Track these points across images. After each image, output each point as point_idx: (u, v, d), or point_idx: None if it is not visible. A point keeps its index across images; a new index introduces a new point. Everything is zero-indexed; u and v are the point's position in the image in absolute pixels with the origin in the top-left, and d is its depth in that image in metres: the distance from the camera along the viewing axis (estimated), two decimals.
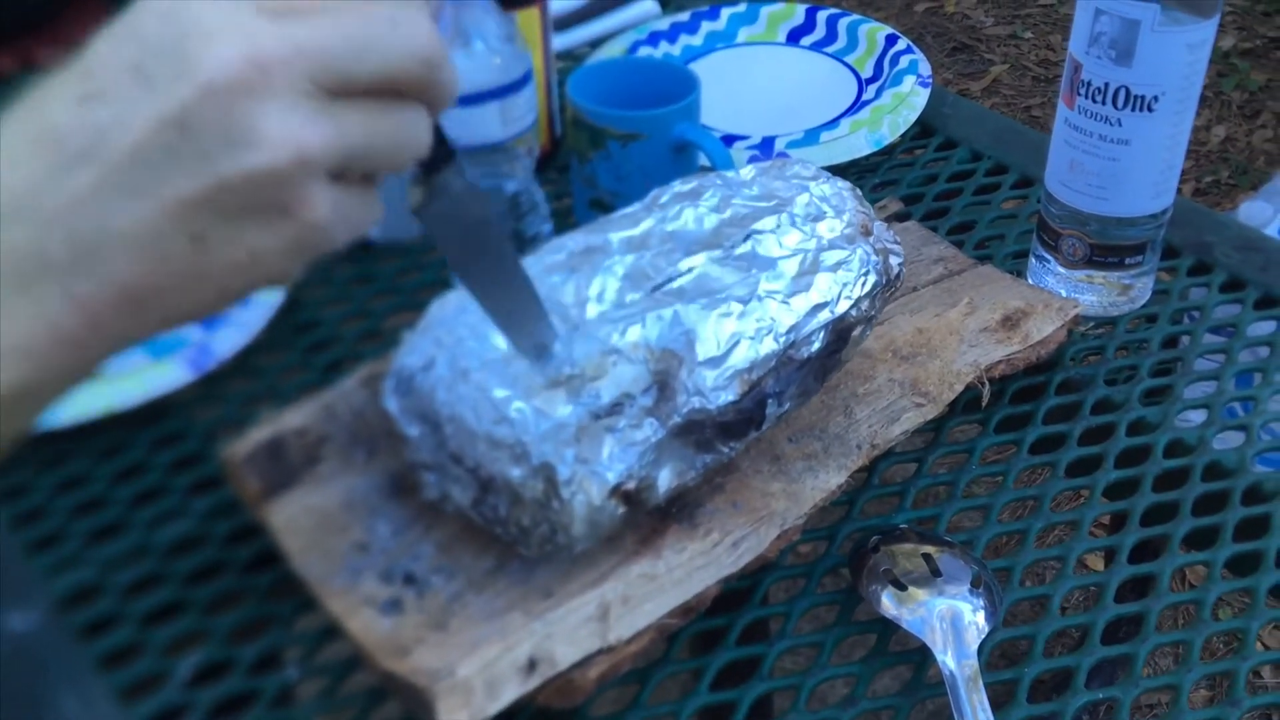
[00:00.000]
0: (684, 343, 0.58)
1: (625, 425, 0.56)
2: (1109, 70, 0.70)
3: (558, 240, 0.65)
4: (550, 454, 0.55)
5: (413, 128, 0.42)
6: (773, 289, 0.61)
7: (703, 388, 0.58)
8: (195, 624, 0.61)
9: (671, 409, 0.57)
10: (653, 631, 0.58)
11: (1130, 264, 0.77)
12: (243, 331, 0.74)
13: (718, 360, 0.58)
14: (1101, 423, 0.72)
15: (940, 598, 0.60)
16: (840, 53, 1.05)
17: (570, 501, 0.55)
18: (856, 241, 0.64)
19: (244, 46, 0.38)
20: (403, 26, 0.40)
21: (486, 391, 0.56)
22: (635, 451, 0.56)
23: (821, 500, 0.63)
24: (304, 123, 0.39)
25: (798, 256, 0.62)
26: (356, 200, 0.42)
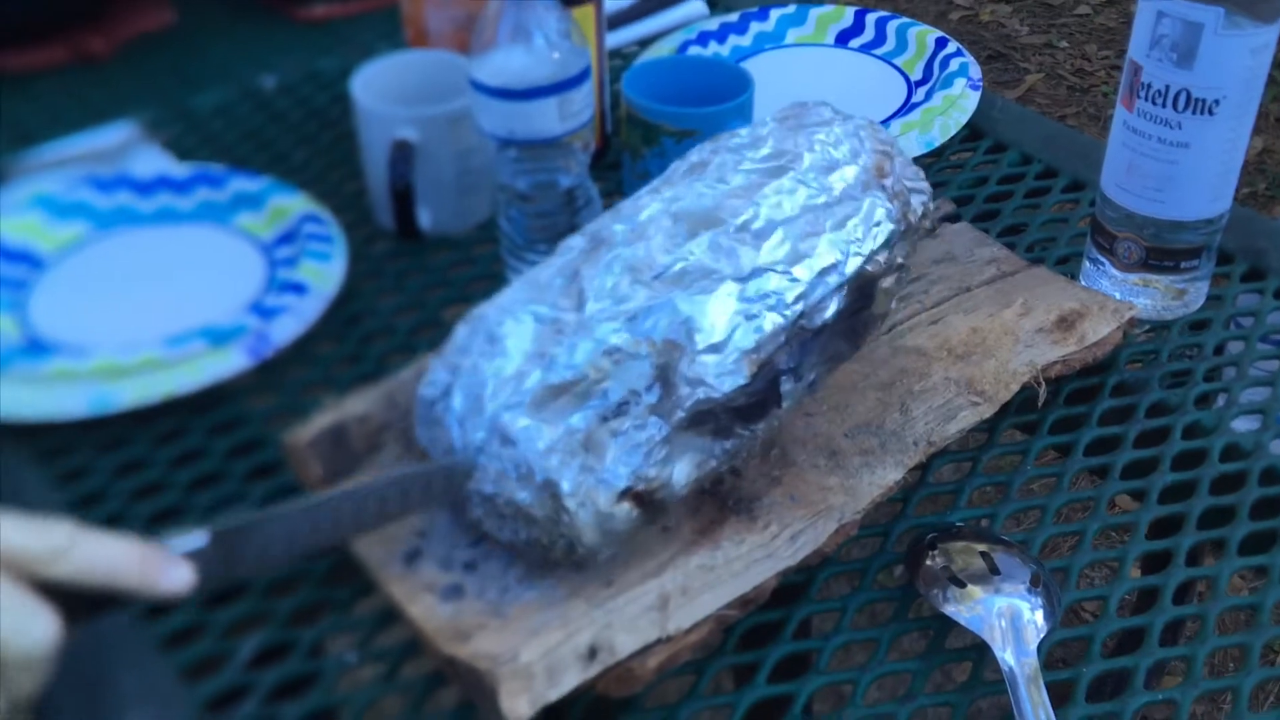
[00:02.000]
0: (683, 332, 0.57)
1: (630, 426, 0.56)
2: (1170, 73, 0.70)
3: (568, 240, 0.64)
4: (553, 469, 0.55)
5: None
6: (772, 261, 0.59)
7: (705, 376, 0.57)
8: (256, 606, 0.62)
9: (674, 404, 0.57)
10: (711, 622, 0.58)
11: (1186, 268, 0.77)
12: (299, 320, 0.74)
13: (720, 345, 0.57)
14: (1157, 425, 0.72)
15: (999, 596, 0.60)
16: (889, 55, 1.05)
17: (576, 514, 0.55)
18: (870, 188, 0.62)
19: None
20: (29, 614, 0.43)
21: (495, 419, 0.56)
22: (640, 453, 0.56)
23: (879, 496, 0.64)
24: None
25: (801, 219, 0.60)
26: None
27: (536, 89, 0.73)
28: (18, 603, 0.44)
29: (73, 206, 0.83)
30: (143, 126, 0.95)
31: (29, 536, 0.45)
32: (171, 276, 0.80)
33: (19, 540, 0.44)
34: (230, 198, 0.84)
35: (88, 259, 0.81)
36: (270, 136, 0.97)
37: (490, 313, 0.60)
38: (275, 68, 1.06)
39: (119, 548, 0.47)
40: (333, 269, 0.78)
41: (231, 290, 0.78)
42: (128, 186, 0.85)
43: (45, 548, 0.45)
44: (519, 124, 0.74)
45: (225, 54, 1.09)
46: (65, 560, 0.45)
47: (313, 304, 0.75)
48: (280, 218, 0.82)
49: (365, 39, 1.09)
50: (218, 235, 0.83)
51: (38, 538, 0.45)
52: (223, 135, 0.97)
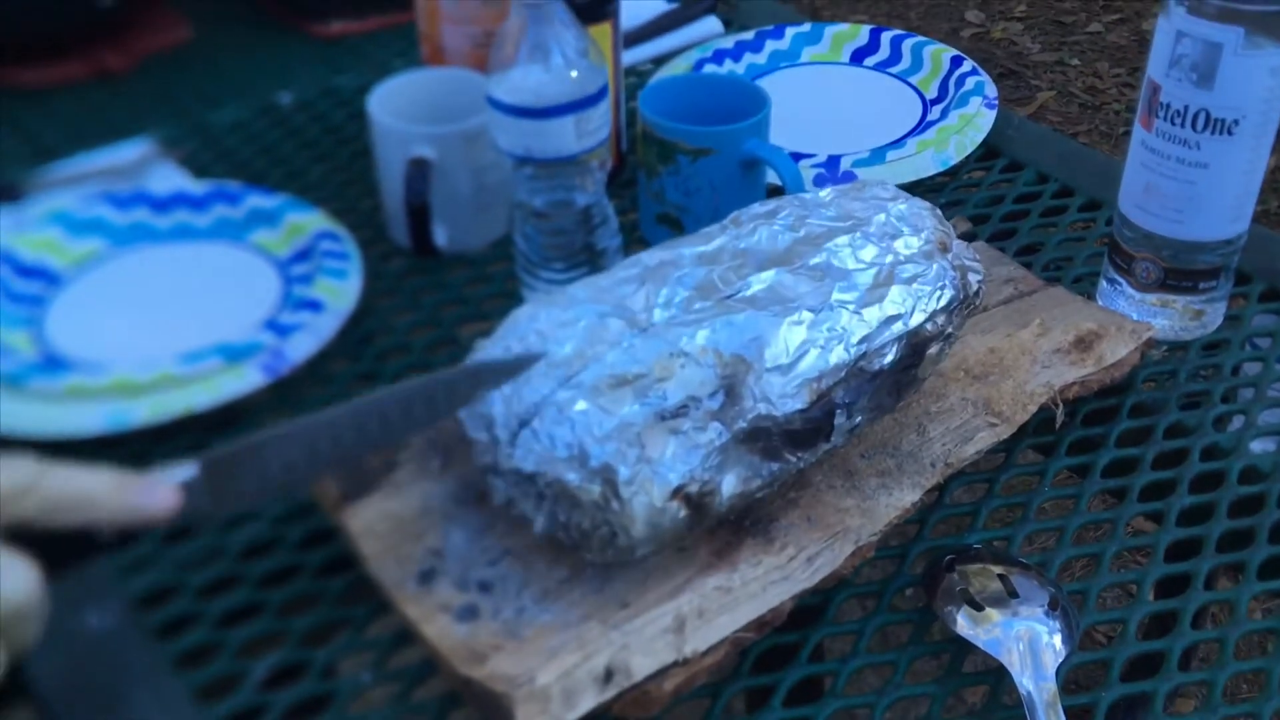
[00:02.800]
0: (754, 349, 0.58)
1: (690, 427, 0.56)
2: (1189, 93, 0.70)
3: (632, 257, 0.65)
4: (611, 455, 0.55)
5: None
6: (845, 299, 0.61)
7: (770, 394, 0.58)
8: (270, 626, 0.62)
9: (738, 414, 0.57)
10: (727, 645, 0.58)
11: (1204, 289, 0.76)
12: (315, 338, 0.74)
13: (786, 368, 0.58)
14: (1175, 447, 0.71)
15: (1017, 619, 0.60)
16: (905, 73, 1.05)
17: (630, 502, 0.55)
18: (934, 257, 0.64)
19: None
20: (6, 572, 0.40)
21: (550, 397, 0.57)
22: (699, 454, 0.56)
23: (896, 518, 0.63)
24: None
25: (873, 269, 0.62)
26: None
27: (554, 107, 0.73)
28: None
29: (90, 223, 0.84)
30: (160, 143, 0.95)
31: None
32: (187, 293, 0.80)
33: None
34: (246, 214, 0.84)
35: (104, 275, 0.81)
36: (286, 153, 0.97)
37: (552, 302, 0.61)
38: (292, 84, 1.06)
39: (93, 475, 0.43)
40: (349, 286, 0.78)
41: (247, 307, 0.78)
42: (145, 203, 0.85)
43: (10, 484, 0.41)
44: (536, 142, 0.74)
45: (242, 70, 1.09)
46: (34, 493, 0.42)
47: (328, 321, 0.75)
48: (296, 235, 0.83)
49: (381, 56, 1.09)
50: (234, 252, 0.83)
51: (4, 473, 0.42)
52: (239, 151, 0.97)
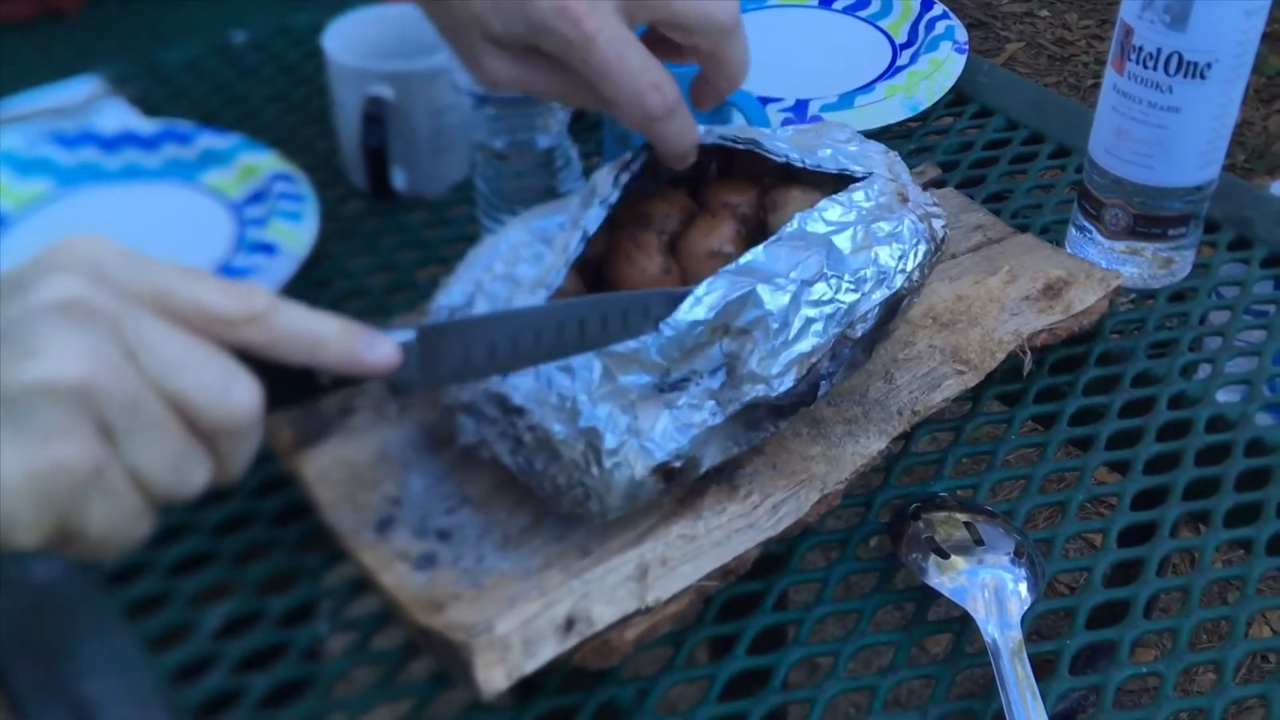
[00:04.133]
0: (761, 327, 0.56)
1: (685, 403, 0.55)
2: (1162, 35, 0.69)
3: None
4: (601, 419, 0.53)
5: (190, 465, 0.41)
6: (835, 269, 0.58)
7: (768, 374, 0.56)
8: (223, 574, 0.60)
9: (735, 395, 0.56)
10: (691, 593, 0.57)
11: (1174, 235, 0.76)
12: (269, 282, 0.72)
13: (786, 345, 0.56)
14: (1142, 395, 0.71)
15: (983, 567, 0.59)
16: (874, 17, 1.03)
17: (611, 472, 0.54)
18: (899, 210, 0.62)
19: (83, 288, 0.39)
20: (232, 377, 0.41)
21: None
22: (689, 434, 0.55)
23: (862, 465, 0.62)
24: (100, 359, 0.38)
25: (847, 232, 0.59)
26: (123, 491, 0.39)
27: None
28: (218, 364, 0.41)
29: (36, 163, 0.81)
30: (109, 81, 0.92)
31: (228, 298, 0.42)
32: (137, 235, 0.76)
33: (217, 300, 0.41)
34: (198, 155, 0.82)
35: (51, 217, 0.79)
36: (240, 92, 0.95)
37: (519, 231, 0.60)
38: (245, 22, 1.03)
39: (320, 318, 0.44)
40: (304, 229, 0.76)
41: (199, 250, 0.76)
42: (93, 142, 0.82)
43: (244, 310, 0.42)
44: None
45: (194, 9, 1.06)
46: (264, 323, 0.42)
47: (283, 265, 0.73)
48: (250, 176, 0.80)
49: None
50: (185, 193, 0.81)
51: (237, 300, 0.42)
52: (192, 90, 0.95)
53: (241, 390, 0.41)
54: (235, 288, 0.42)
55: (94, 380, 0.37)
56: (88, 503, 0.39)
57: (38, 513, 0.38)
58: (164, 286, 0.41)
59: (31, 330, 0.38)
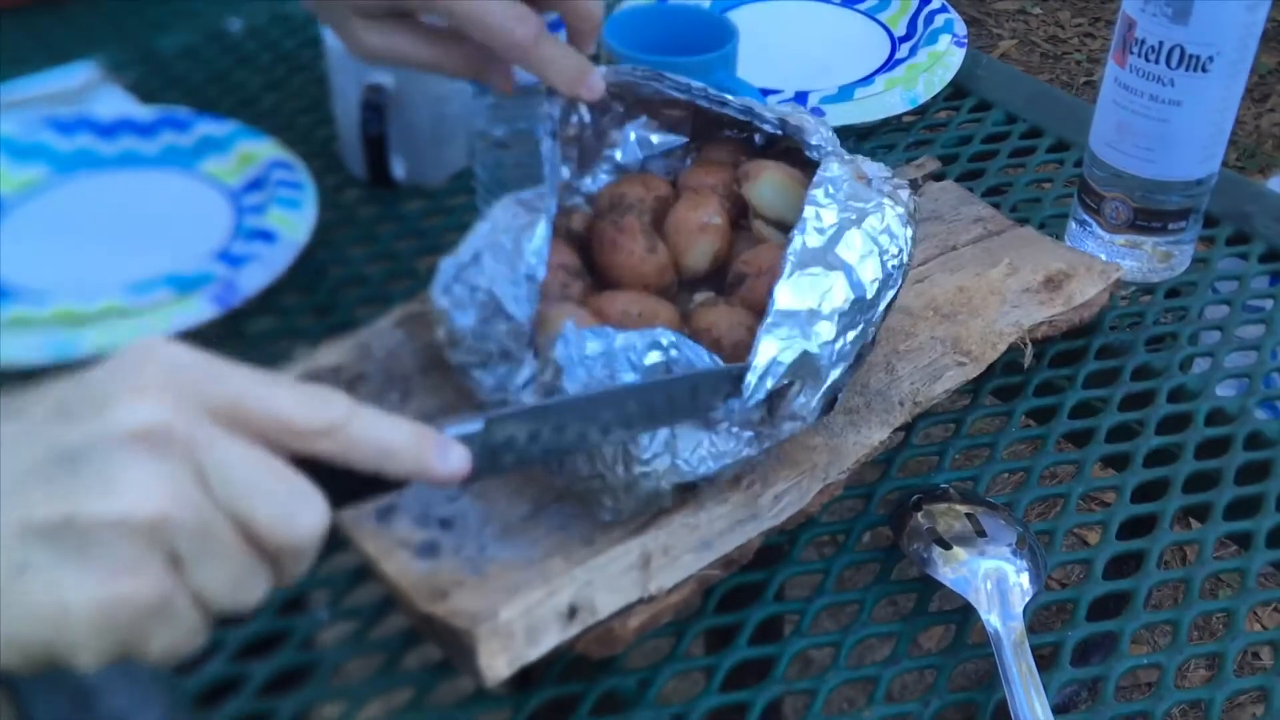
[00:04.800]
0: (811, 377, 0.56)
1: (725, 429, 0.55)
2: (1164, 29, 0.69)
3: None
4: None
5: (253, 582, 0.41)
6: (857, 290, 0.57)
7: (806, 412, 0.56)
8: None
9: (773, 433, 0.56)
10: (694, 582, 0.57)
11: (1173, 229, 0.76)
12: (268, 269, 0.72)
13: (825, 379, 0.56)
14: (1142, 389, 0.71)
15: (984, 558, 0.59)
16: (873, 10, 1.03)
17: (638, 480, 0.54)
18: (869, 195, 0.60)
19: (162, 413, 0.38)
20: (301, 498, 0.40)
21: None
22: (723, 461, 0.55)
23: (864, 456, 0.62)
24: (176, 493, 0.38)
25: (846, 238, 0.58)
26: (186, 613, 0.39)
27: None
28: (288, 486, 0.40)
29: (32, 148, 0.80)
30: (105, 68, 0.92)
31: (305, 409, 0.41)
32: (134, 222, 0.77)
33: (294, 412, 0.41)
34: (196, 142, 0.82)
35: (47, 203, 0.78)
36: (238, 80, 0.94)
37: (506, 204, 0.60)
38: (242, 10, 1.02)
39: (394, 424, 0.43)
40: (303, 217, 0.75)
41: (197, 237, 0.75)
42: (89, 129, 0.82)
43: (322, 422, 0.41)
44: None
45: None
46: (338, 436, 0.41)
47: (282, 252, 0.73)
48: (248, 163, 0.80)
49: None
50: (183, 180, 0.80)
51: (314, 411, 0.41)
52: (188, 78, 0.94)
53: (310, 512, 0.41)
54: (312, 397, 0.42)
55: (169, 515, 0.37)
56: (151, 629, 0.39)
57: (101, 642, 0.38)
58: (239, 396, 0.40)
59: (110, 460, 0.37)
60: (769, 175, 0.62)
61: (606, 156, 0.67)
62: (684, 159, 0.68)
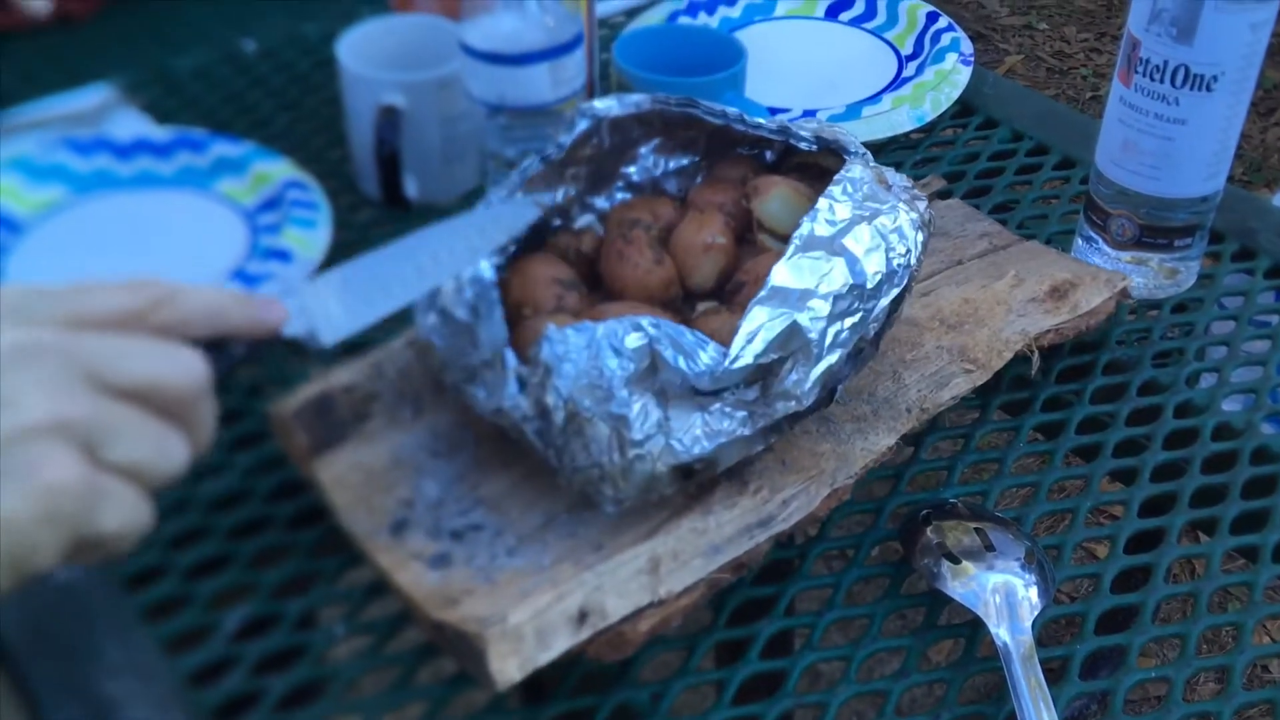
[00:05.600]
0: (803, 352, 0.56)
1: (718, 409, 0.56)
2: (1169, 48, 0.70)
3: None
4: (633, 410, 0.54)
5: (169, 443, 0.44)
6: (857, 277, 0.58)
7: (800, 391, 0.57)
8: (240, 578, 0.61)
9: (767, 411, 0.57)
10: (703, 586, 0.57)
11: (1179, 246, 0.76)
12: (284, 287, 0.73)
13: (817, 358, 0.57)
14: (1149, 404, 0.71)
15: (993, 572, 0.60)
16: (880, 29, 1.04)
17: (632, 462, 0.54)
18: (887, 198, 0.61)
19: (25, 332, 0.42)
20: (171, 353, 0.44)
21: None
22: (718, 440, 0.56)
23: (871, 462, 0.63)
24: (65, 394, 0.41)
25: (855, 232, 0.59)
26: (120, 489, 0.42)
27: (529, 54, 0.72)
28: (156, 347, 0.44)
29: (50, 169, 0.81)
30: (121, 89, 0.93)
31: (132, 295, 0.45)
32: (151, 242, 0.78)
33: (124, 300, 0.44)
34: (212, 163, 0.83)
35: (65, 223, 0.79)
36: (251, 101, 0.95)
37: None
38: (255, 32, 1.04)
39: (217, 290, 0.47)
40: (318, 236, 0.76)
41: (213, 257, 0.76)
42: (107, 149, 0.83)
43: (150, 298, 0.45)
44: (510, 90, 0.73)
45: (204, 17, 1.06)
46: (171, 307, 0.45)
47: (298, 272, 0.74)
48: (263, 184, 0.81)
49: (347, 4, 1.07)
50: (199, 201, 0.81)
51: (140, 293, 0.45)
52: (203, 99, 0.95)
53: (184, 360, 0.44)
54: (133, 285, 0.46)
55: (62, 410, 0.41)
56: (93, 510, 0.42)
57: (51, 534, 0.41)
58: (76, 306, 0.44)
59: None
60: (778, 191, 0.63)
61: (622, 174, 0.68)
62: (695, 176, 0.69)
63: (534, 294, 0.60)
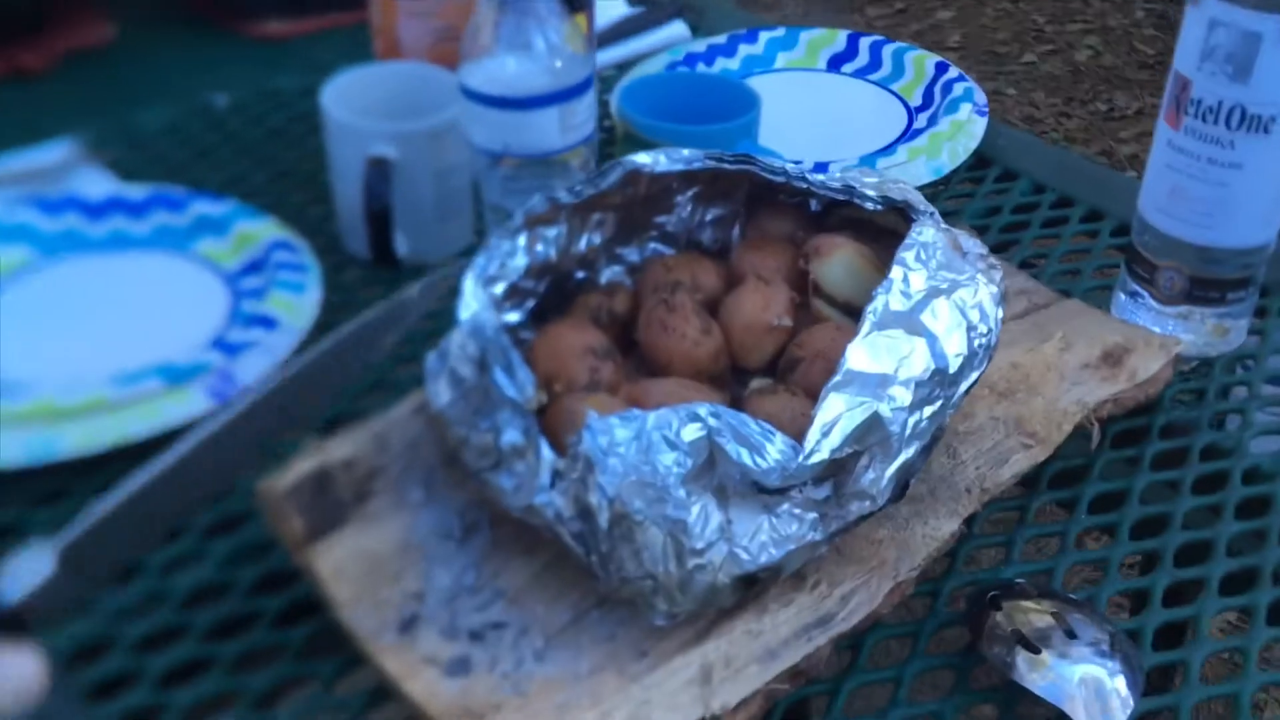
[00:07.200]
0: (882, 447, 0.51)
1: (786, 511, 0.50)
2: (1223, 88, 0.65)
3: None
4: (692, 511, 0.47)
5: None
6: (939, 361, 0.52)
7: (876, 490, 0.51)
8: (222, 684, 0.53)
9: (840, 514, 0.51)
10: (760, 698, 0.51)
11: (1232, 299, 0.71)
12: (269, 357, 0.66)
13: (896, 453, 0.51)
14: (1214, 470, 0.66)
15: (1076, 662, 0.53)
16: (885, 80, 0.99)
17: (692, 574, 0.48)
18: (961, 265, 0.57)
19: None
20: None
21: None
22: (786, 547, 0.50)
23: (935, 550, 0.57)
24: None
25: (933, 307, 0.53)
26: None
27: (537, 98, 0.66)
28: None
29: (15, 230, 0.75)
30: (84, 145, 0.86)
31: None
32: (124, 308, 0.71)
33: None
34: (191, 222, 0.76)
35: (30, 288, 0.73)
36: (224, 158, 0.89)
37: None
38: (226, 86, 0.98)
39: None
40: (306, 301, 0.70)
41: (191, 324, 0.70)
42: (76, 208, 0.76)
43: None
44: (515, 136, 0.67)
45: (171, 71, 1.01)
46: None
47: (284, 339, 0.67)
48: (246, 244, 0.74)
49: (324, 58, 1.00)
50: (176, 263, 0.75)
51: None
52: (172, 155, 0.89)
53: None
54: None
55: None
56: None
57: None
58: None
59: None
60: (841, 255, 0.57)
61: (655, 224, 0.62)
62: (732, 226, 0.63)
63: (566, 367, 0.54)
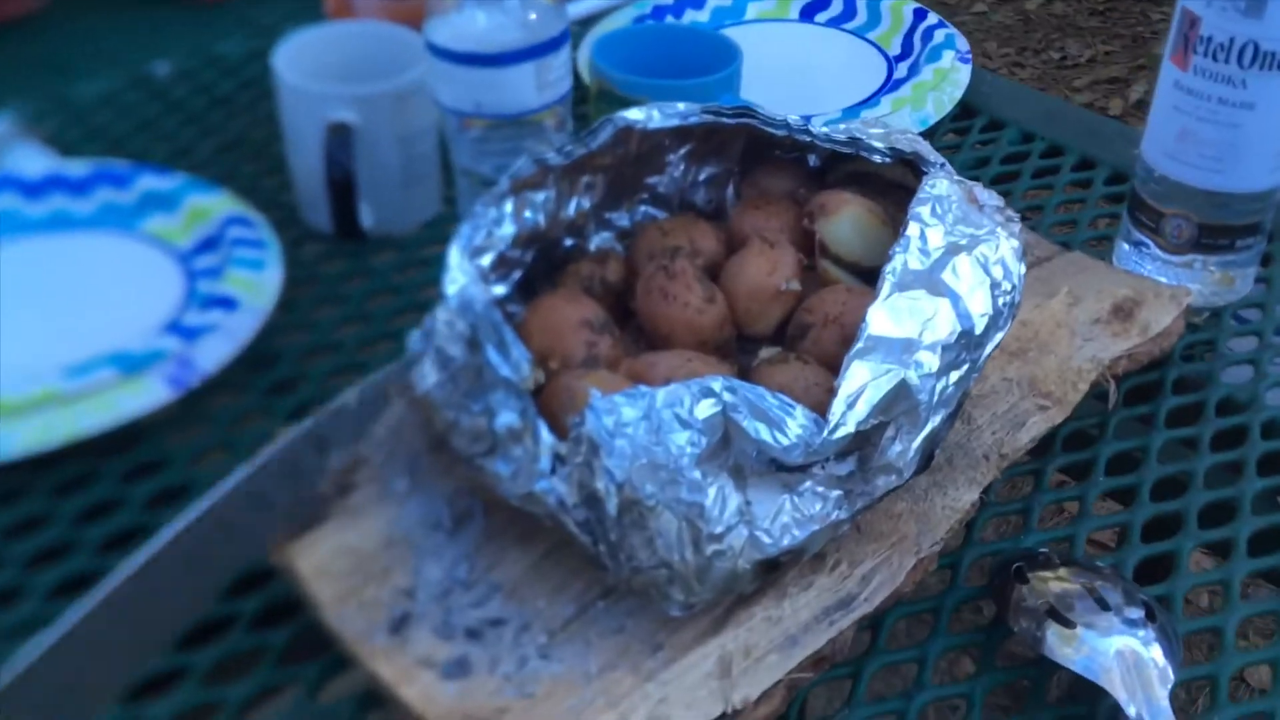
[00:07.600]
0: (909, 416, 0.47)
1: (808, 489, 0.46)
2: (1235, 23, 0.62)
3: None
4: (708, 494, 0.44)
5: None
6: (965, 322, 0.49)
7: (903, 463, 0.48)
8: (196, 696, 0.49)
9: (866, 490, 0.48)
10: (783, 688, 0.47)
11: (1241, 246, 0.68)
12: (230, 341, 0.62)
13: (924, 422, 0.48)
14: (1232, 425, 0.63)
15: (1110, 634, 0.50)
16: (861, 29, 0.95)
17: (711, 560, 0.44)
18: (979, 219, 0.53)
19: None
20: None
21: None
22: (809, 528, 0.46)
23: (955, 522, 0.54)
24: None
25: (954, 264, 0.50)
26: None
27: (512, 53, 0.61)
28: None
29: None
30: (18, 120, 0.81)
31: None
32: (70, 294, 0.66)
33: None
34: (138, 199, 0.71)
35: None
36: (168, 129, 0.84)
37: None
38: (166, 54, 0.92)
39: None
40: (267, 279, 0.65)
41: (144, 309, 0.65)
42: (13, 187, 0.71)
43: None
44: (489, 95, 0.63)
45: (106, 40, 0.95)
46: None
47: (245, 321, 0.63)
48: (199, 221, 0.69)
49: (268, 20, 0.96)
50: (124, 243, 0.69)
51: None
52: (112, 127, 0.83)
53: None
54: None
55: None
56: None
57: None
58: None
59: None
60: (849, 211, 0.53)
61: (646, 186, 0.58)
62: (726, 185, 0.59)
63: (561, 342, 0.50)
